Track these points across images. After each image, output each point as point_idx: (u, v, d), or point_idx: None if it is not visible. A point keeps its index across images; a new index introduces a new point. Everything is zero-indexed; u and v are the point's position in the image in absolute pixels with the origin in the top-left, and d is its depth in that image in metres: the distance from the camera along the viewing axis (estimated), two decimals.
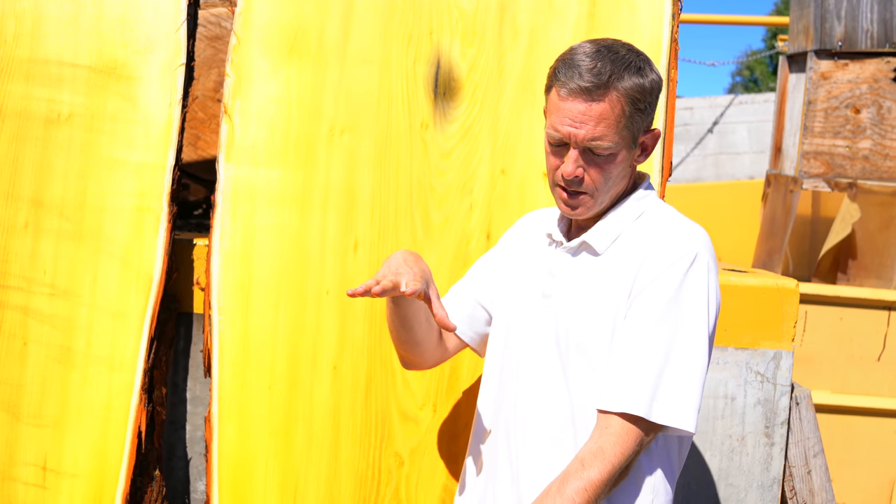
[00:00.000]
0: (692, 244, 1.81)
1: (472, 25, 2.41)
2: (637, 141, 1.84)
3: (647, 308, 1.77)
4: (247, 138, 2.38)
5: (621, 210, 1.88)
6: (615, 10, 2.42)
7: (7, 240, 2.38)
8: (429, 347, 2.07)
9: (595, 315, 1.83)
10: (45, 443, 2.34)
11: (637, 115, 1.80)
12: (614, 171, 1.83)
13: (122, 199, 2.38)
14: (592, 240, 1.87)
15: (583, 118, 1.78)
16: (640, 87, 1.79)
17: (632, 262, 1.83)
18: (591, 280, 1.86)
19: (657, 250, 1.81)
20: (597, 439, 1.76)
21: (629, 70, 1.79)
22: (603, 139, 1.79)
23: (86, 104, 2.41)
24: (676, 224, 1.86)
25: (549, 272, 1.91)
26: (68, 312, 2.35)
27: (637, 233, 1.86)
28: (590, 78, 1.77)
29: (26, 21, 2.42)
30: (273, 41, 2.40)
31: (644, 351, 1.76)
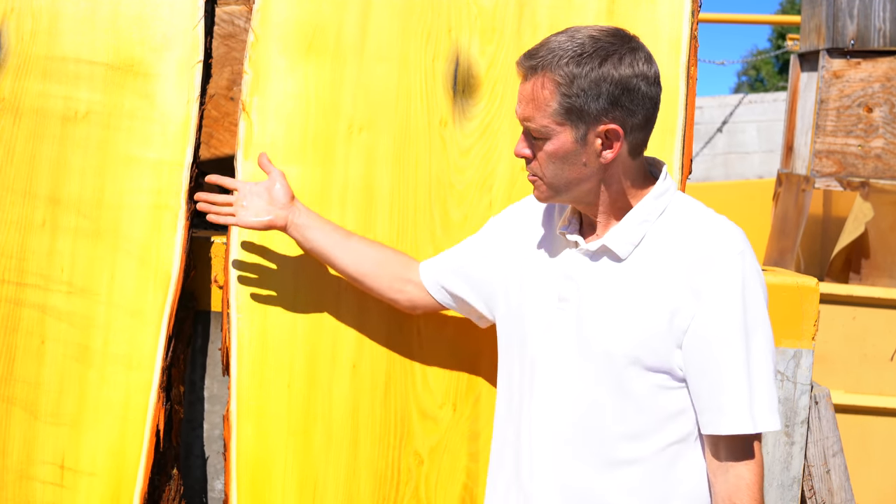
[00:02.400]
0: (734, 245, 1.78)
1: (492, 22, 2.39)
2: (585, 133, 1.77)
3: (722, 327, 1.75)
4: (265, 135, 2.37)
5: (641, 209, 1.84)
6: (635, 6, 2.41)
7: (24, 238, 2.37)
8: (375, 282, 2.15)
9: (625, 324, 1.79)
10: (62, 441, 2.33)
11: (565, 101, 1.75)
12: (555, 158, 1.79)
13: (139, 196, 2.37)
14: (614, 244, 1.83)
15: (520, 96, 1.81)
16: (570, 74, 1.74)
17: (667, 270, 1.78)
18: (617, 287, 1.81)
19: (702, 259, 1.76)
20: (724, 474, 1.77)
21: (565, 57, 1.75)
22: (531, 121, 1.79)
23: (103, 102, 2.40)
24: (709, 224, 1.82)
25: (565, 275, 1.87)
26: (86, 310, 2.34)
27: (664, 234, 1.82)
28: (525, 55, 1.80)
29: (43, 18, 2.41)
30: (291, 38, 2.39)
31: (729, 368, 1.75)
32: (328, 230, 2.17)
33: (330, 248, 2.16)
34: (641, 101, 1.79)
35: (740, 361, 1.75)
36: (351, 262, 2.16)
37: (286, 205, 2.16)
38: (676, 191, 1.89)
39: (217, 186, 2.26)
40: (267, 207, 2.16)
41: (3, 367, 2.34)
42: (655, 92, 1.82)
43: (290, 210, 2.16)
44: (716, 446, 1.78)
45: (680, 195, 1.89)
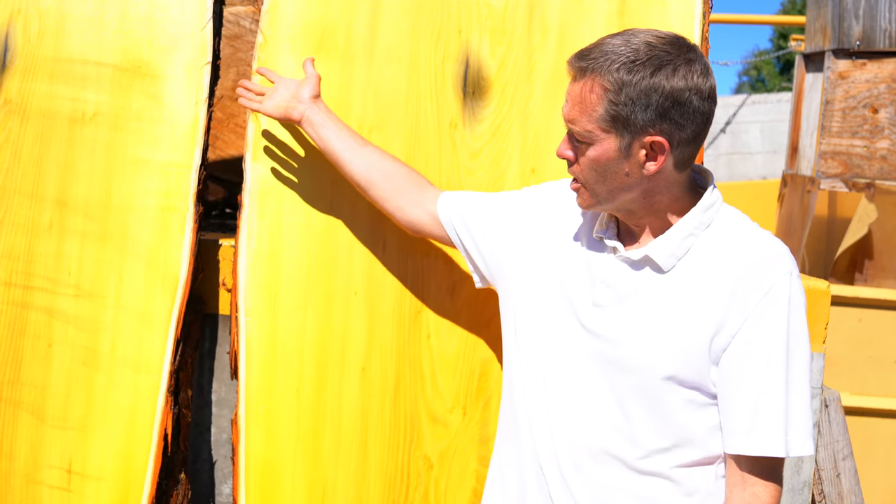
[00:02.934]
0: (782, 264, 1.74)
1: (502, 23, 2.38)
2: (630, 143, 1.73)
3: (762, 348, 1.72)
4: (274, 138, 2.35)
5: (688, 223, 1.78)
6: (646, 8, 2.39)
7: (31, 240, 2.35)
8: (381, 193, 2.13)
9: (665, 339, 1.75)
10: (70, 445, 2.31)
11: (612, 108, 1.70)
12: (597, 165, 1.75)
13: (147, 199, 2.36)
14: (658, 256, 1.78)
15: (568, 96, 1.77)
16: (620, 81, 1.69)
17: (710, 286, 1.74)
18: (658, 299, 1.77)
19: (748, 277, 1.72)
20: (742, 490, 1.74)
21: (617, 62, 1.70)
22: (575, 123, 1.75)
23: (110, 103, 2.38)
24: (757, 241, 1.77)
25: (602, 280, 1.82)
26: (93, 314, 2.33)
27: (709, 248, 1.77)
28: (577, 55, 1.75)
29: (50, 20, 2.40)
30: (300, 39, 2.37)
31: (767, 390, 1.72)
32: (344, 133, 2.18)
33: (341, 150, 2.16)
34: (692, 115, 1.73)
35: (780, 384, 1.72)
36: (360, 168, 2.15)
37: (307, 100, 2.18)
38: (722, 202, 1.84)
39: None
40: (289, 99, 2.19)
41: (10, 371, 2.33)
42: (709, 107, 1.75)
43: (309, 106, 2.18)
44: (738, 462, 1.75)
45: (726, 207, 1.84)
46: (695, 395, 1.76)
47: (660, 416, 1.76)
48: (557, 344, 1.85)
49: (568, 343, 1.84)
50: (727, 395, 1.74)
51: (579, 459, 1.81)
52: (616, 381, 1.78)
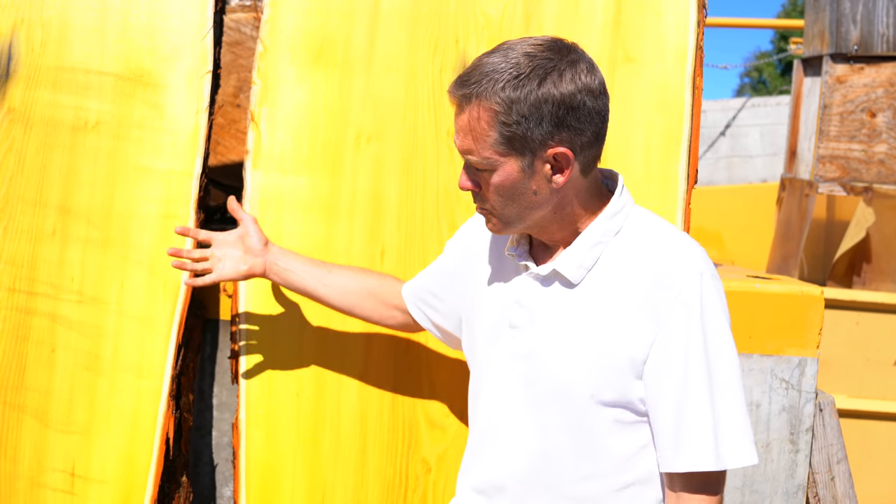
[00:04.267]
0: (693, 265, 1.66)
1: (499, 32, 2.41)
2: (532, 160, 1.65)
3: (680, 358, 1.63)
4: (274, 146, 2.39)
5: (594, 231, 1.71)
6: (641, 17, 2.42)
7: (35, 247, 2.39)
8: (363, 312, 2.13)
9: (580, 355, 1.67)
10: (73, 449, 2.34)
11: (506, 130, 1.62)
12: (503, 191, 1.67)
13: (148, 206, 2.39)
14: (565, 269, 1.70)
15: (457, 127, 1.68)
16: (507, 100, 1.60)
17: (623, 295, 1.66)
18: (570, 315, 1.69)
19: (661, 286, 1.64)
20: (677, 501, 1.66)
21: (500, 81, 1.61)
22: (471, 153, 1.66)
23: (113, 112, 2.41)
24: (667, 246, 1.69)
25: (515, 300, 1.76)
26: (96, 319, 2.36)
27: (619, 255, 1.69)
28: (456, 88, 1.65)
29: (53, 29, 2.43)
30: (299, 49, 2.41)
31: (689, 401, 1.62)
32: (307, 270, 2.14)
33: (312, 287, 2.13)
34: (588, 116, 1.64)
35: (702, 393, 1.62)
36: (335, 296, 2.13)
37: (262, 251, 2.14)
38: (634, 206, 1.76)
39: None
40: (244, 257, 2.13)
41: (14, 376, 2.36)
42: (603, 104, 1.67)
43: (266, 256, 2.13)
44: (672, 479, 1.67)
45: (638, 210, 1.76)
46: (621, 414, 1.67)
47: (587, 439, 1.68)
48: (489, 372, 1.81)
49: (496, 370, 1.78)
50: (653, 410, 1.66)
51: (509, 486, 1.75)
52: (540, 405, 1.71)
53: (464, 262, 1.95)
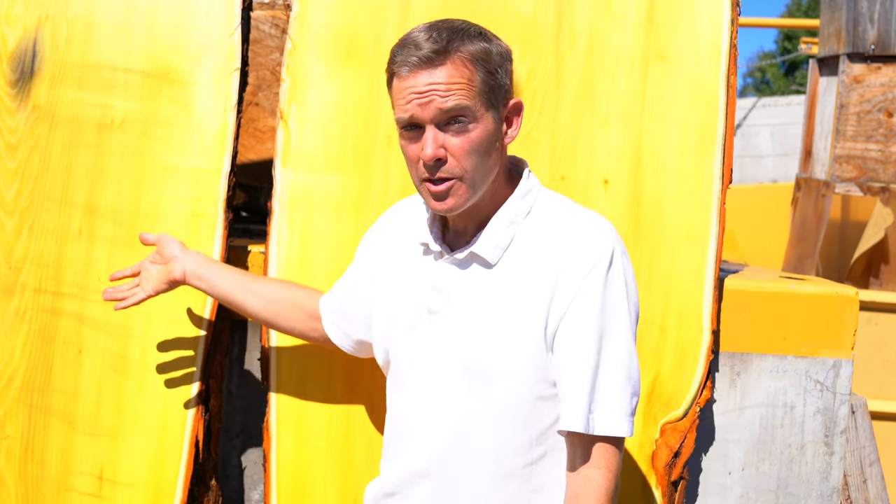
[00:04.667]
0: (602, 242, 1.72)
1: (530, 31, 2.38)
2: (500, 113, 1.72)
3: (577, 325, 1.69)
4: (303, 144, 2.35)
5: (507, 212, 1.76)
6: (674, 14, 2.39)
7: (61, 247, 2.35)
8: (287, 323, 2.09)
9: (498, 335, 1.72)
10: (100, 452, 2.31)
11: (489, 78, 1.69)
12: (480, 147, 1.69)
13: (176, 205, 2.36)
14: (483, 251, 1.75)
15: (430, 88, 1.67)
16: (485, 49, 1.70)
17: (536, 274, 1.72)
18: (488, 295, 1.74)
19: (569, 260, 1.70)
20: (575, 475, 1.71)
21: (469, 35, 1.70)
22: (456, 104, 1.67)
23: (139, 109, 2.38)
24: (577, 222, 1.75)
25: (432, 286, 1.79)
26: (123, 320, 2.33)
27: (532, 236, 1.75)
28: (429, 46, 1.67)
29: (78, 26, 2.40)
30: (329, 46, 2.37)
31: (578, 367, 1.69)
32: (232, 276, 2.12)
33: (236, 293, 2.10)
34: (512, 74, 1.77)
35: (589, 361, 1.69)
36: (259, 305, 2.10)
37: (179, 255, 2.12)
38: (541, 187, 1.81)
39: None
40: (161, 268, 2.13)
41: (41, 378, 2.33)
42: None
43: (185, 258, 2.11)
44: (572, 446, 1.72)
45: (546, 192, 1.81)
46: (542, 389, 1.73)
47: (509, 416, 1.72)
48: (409, 363, 1.82)
49: (416, 359, 1.81)
50: (558, 378, 1.72)
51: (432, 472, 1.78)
52: (462, 387, 1.74)
53: (373, 264, 1.96)
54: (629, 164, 2.35)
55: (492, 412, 1.74)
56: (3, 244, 2.35)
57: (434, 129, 1.69)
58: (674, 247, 2.34)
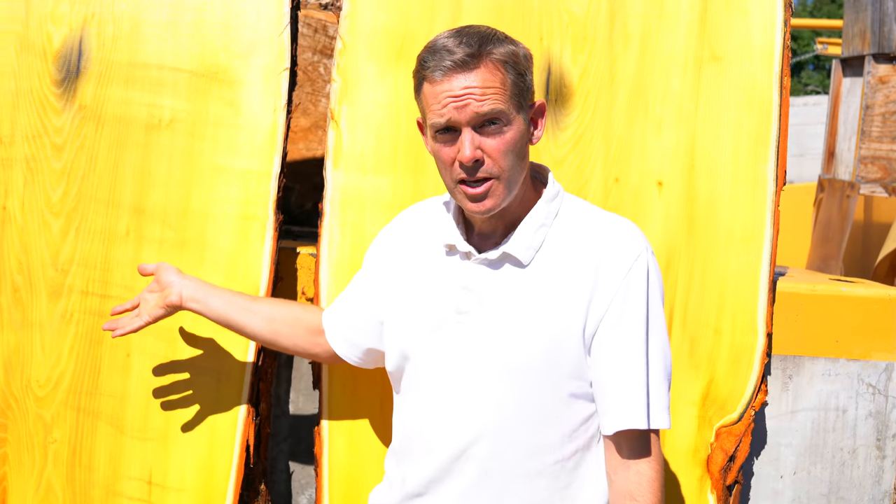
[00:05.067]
0: (637, 243, 1.78)
1: (583, 30, 2.36)
2: (528, 115, 1.78)
3: (623, 325, 1.74)
4: (354, 145, 2.33)
5: (537, 214, 1.80)
6: (727, 16, 2.37)
7: (108, 248, 2.32)
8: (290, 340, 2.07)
9: (534, 332, 1.74)
10: (150, 456, 2.28)
11: (519, 80, 1.74)
12: (514, 147, 1.74)
13: (225, 206, 2.33)
14: (516, 250, 1.77)
15: (466, 91, 1.70)
16: (514, 52, 1.74)
17: (571, 274, 1.75)
18: (522, 295, 1.77)
19: (606, 260, 1.75)
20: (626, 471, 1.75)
21: (497, 39, 1.74)
22: (493, 108, 1.70)
23: (187, 109, 2.35)
24: (608, 224, 1.81)
25: (462, 286, 1.80)
26: (172, 322, 2.29)
27: (564, 237, 1.79)
28: (462, 50, 1.71)
29: (124, 24, 2.36)
30: (380, 45, 2.35)
31: (630, 366, 1.74)
32: (229, 297, 2.10)
33: (235, 314, 2.07)
34: None
35: (642, 360, 1.75)
36: (259, 324, 2.07)
37: (176, 280, 2.08)
38: (564, 192, 1.86)
39: None
40: (158, 295, 2.09)
41: (89, 381, 2.30)
42: None
43: (181, 283, 2.08)
44: (618, 444, 1.76)
45: (570, 197, 1.87)
46: (576, 387, 1.76)
47: (542, 414, 1.75)
48: (431, 364, 1.82)
49: (440, 359, 1.80)
50: (598, 378, 1.76)
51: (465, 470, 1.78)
52: (493, 386, 1.75)
53: (384, 270, 1.96)
54: (683, 166, 2.33)
55: (524, 409, 1.76)
56: (50, 246, 2.32)
57: (471, 131, 1.73)
58: (728, 249, 2.32)
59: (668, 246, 2.31)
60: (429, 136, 1.79)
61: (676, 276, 2.31)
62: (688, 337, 2.30)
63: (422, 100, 1.78)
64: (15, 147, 2.34)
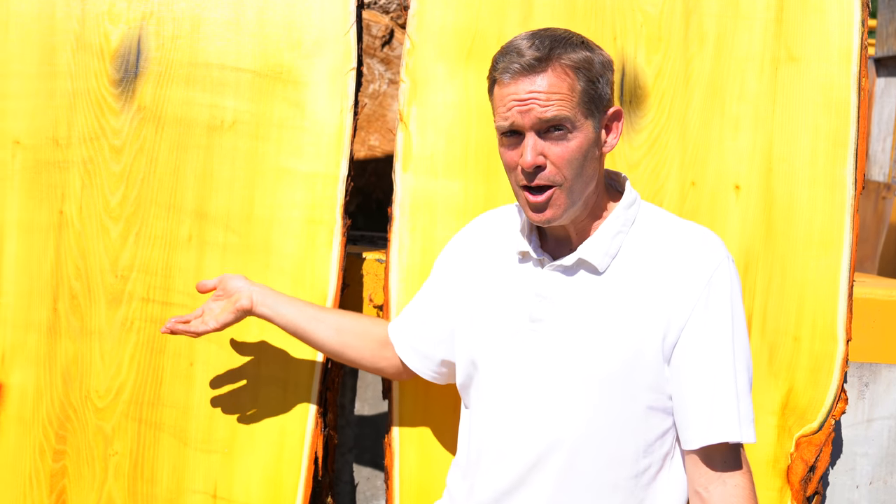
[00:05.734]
0: (717, 251, 1.73)
1: (658, 30, 2.30)
2: (600, 122, 1.72)
3: (706, 336, 1.69)
4: (424, 148, 2.26)
5: (614, 221, 1.76)
6: (803, 16, 2.31)
7: (170, 254, 2.25)
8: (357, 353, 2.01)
9: (612, 341, 1.69)
10: (214, 469, 2.21)
11: (590, 87, 1.68)
12: (579, 155, 1.68)
13: (291, 210, 2.26)
14: (592, 257, 1.73)
15: (530, 95, 1.66)
16: (587, 58, 1.69)
17: (650, 282, 1.70)
18: (598, 303, 1.72)
19: (686, 269, 1.70)
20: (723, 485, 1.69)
21: (571, 43, 1.70)
22: (556, 115, 1.65)
23: (251, 110, 2.28)
24: (686, 232, 1.76)
25: (535, 293, 1.76)
26: (237, 331, 2.22)
27: (641, 245, 1.74)
28: (531, 53, 1.67)
29: (185, 23, 2.29)
30: (449, 44, 2.28)
31: (718, 378, 1.69)
32: (298, 304, 2.04)
33: (304, 322, 2.00)
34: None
35: (729, 371, 1.69)
36: (328, 334, 2.01)
37: (243, 288, 2.01)
38: (640, 199, 1.82)
39: None
40: (227, 300, 2.01)
41: (151, 392, 2.22)
42: None
43: (251, 289, 2.00)
44: (708, 458, 1.70)
45: (646, 204, 1.82)
46: (654, 399, 1.71)
47: (619, 427, 1.70)
48: (505, 372, 1.76)
49: (514, 367, 1.75)
50: (681, 390, 1.70)
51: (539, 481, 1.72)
52: (568, 396, 1.71)
53: (455, 279, 1.92)
54: (760, 169, 2.27)
55: (602, 421, 1.71)
56: (109, 251, 2.25)
57: (534, 135, 1.68)
58: (807, 254, 2.26)
59: (745, 251, 2.25)
60: (498, 138, 1.76)
61: (755, 282, 2.25)
62: (767, 344, 2.25)
63: (492, 101, 1.75)
64: (72, 149, 2.27)
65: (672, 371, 1.71)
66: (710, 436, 1.69)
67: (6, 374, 2.24)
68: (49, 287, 2.25)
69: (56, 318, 2.24)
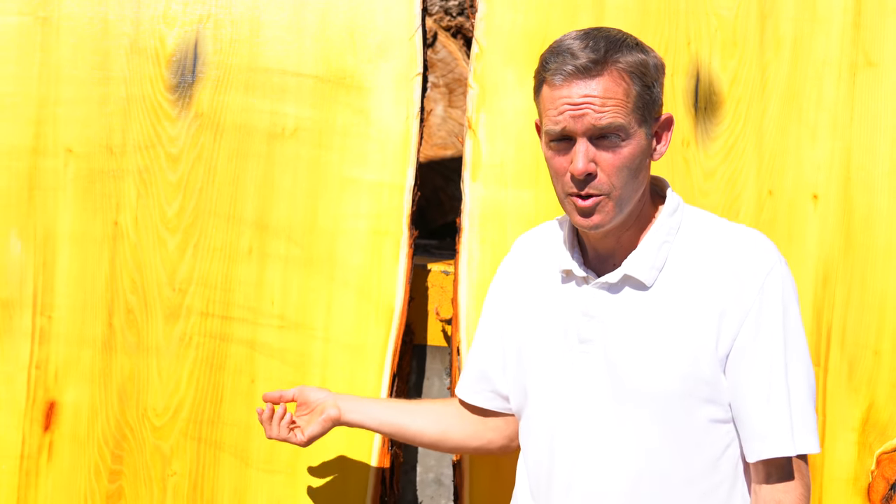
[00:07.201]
0: (769, 255, 1.63)
1: (733, 35, 2.23)
2: (651, 129, 1.63)
3: (760, 345, 1.60)
4: (494, 156, 2.19)
5: (658, 230, 1.66)
6: (881, 19, 2.24)
7: (230, 266, 2.17)
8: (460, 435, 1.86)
9: (666, 357, 1.61)
10: (277, 490, 2.13)
11: (645, 92, 1.60)
12: (631, 163, 1.59)
13: (356, 221, 2.18)
14: (637, 271, 1.63)
15: (584, 100, 1.57)
16: (643, 61, 1.60)
17: (699, 292, 1.61)
18: (648, 318, 1.63)
19: (736, 276, 1.61)
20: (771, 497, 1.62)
21: (627, 45, 1.60)
22: (611, 122, 1.57)
23: (313, 117, 2.20)
24: (735, 236, 1.66)
25: (583, 313, 1.67)
26: (300, 346, 2.15)
27: (688, 254, 1.65)
28: (586, 55, 1.57)
29: (243, 27, 2.21)
30: (519, 49, 2.21)
31: (771, 388, 1.61)
32: (388, 402, 1.96)
33: (399, 418, 1.87)
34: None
35: (782, 381, 1.61)
36: (426, 423, 1.87)
37: (327, 398, 1.89)
38: (684, 203, 1.72)
39: None
40: (315, 410, 1.89)
41: (210, 410, 2.14)
42: None
43: (336, 398, 1.89)
44: (765, 472, 1.63)
45: (690, 208, 1.72)
46: (715, 411, 1.63)
47: (685, 443, 1.62)
48: (557, 396, 1.68)
49: (566, 391, 1.66)
50: (736, 403, 1.63)
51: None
52: (629, 416, 1.63)
53: (504, 311, 1.81)
54: (839, 178, 2.20)
55: (666, 439, 1.62)
56: (166, 264, 2.17)
57: (586, 142, 1.59)
58: (886, 265, 2.19)
59: (825, 262, 2.18)
60: (544, 142, 1.65)
61: (834, 294, 2.18)
62: (846, 359, 2.18)
63: (540, 102, 1.64)
64: (126, 157, 2.19)
65: (728, 382, 1.64)
66: (762, 450, 1.61)
67: (60, 391, 2.16)
68: (104, 301, 2.16)
69: (111, 333, 2.16)
